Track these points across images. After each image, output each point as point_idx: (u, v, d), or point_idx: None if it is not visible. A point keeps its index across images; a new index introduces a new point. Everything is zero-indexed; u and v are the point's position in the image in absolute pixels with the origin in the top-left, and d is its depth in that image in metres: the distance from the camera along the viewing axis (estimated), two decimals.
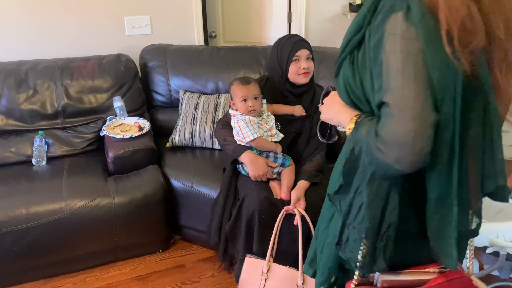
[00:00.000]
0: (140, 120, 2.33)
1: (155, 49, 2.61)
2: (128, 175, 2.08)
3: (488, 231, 1.37)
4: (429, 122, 0.70)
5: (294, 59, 1.81)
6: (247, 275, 1.68)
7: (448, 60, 0.69)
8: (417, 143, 0.69)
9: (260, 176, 1.75)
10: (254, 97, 1.78)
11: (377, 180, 0.80)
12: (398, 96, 0.71)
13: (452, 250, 0.78)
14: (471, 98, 0.73)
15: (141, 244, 2.11)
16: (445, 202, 0.77)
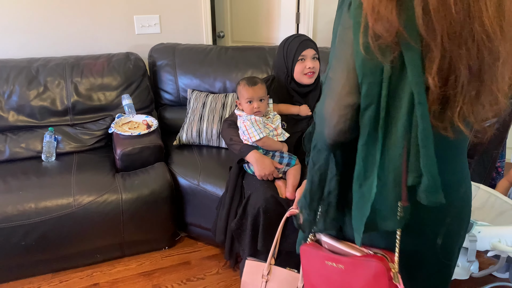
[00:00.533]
0: (148, 118, 2.35)
1: (164, 48, 2.64)
2: (135, 172, 2.10)
3: (491, 235, 1.38)
4: (345, 102, 0.79)
5: (299, 59, 1.82)
6: (248, 278, 1.69)
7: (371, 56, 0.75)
8: (333, 119, 0.80)
9: (266, 176, 1.76)
10: (260, 99, 1.79)
11: (317, 149, 0.90)
12: (328, 77, 0.81)
13: (360, 226, 0.82)
14: (399, 89, 0.76)
15: (147, 241, 2.14)
16: (367, 180, 0.81)
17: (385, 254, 0.89)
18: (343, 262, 0.91)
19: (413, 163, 0.78)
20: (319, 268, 0.97)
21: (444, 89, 0.76)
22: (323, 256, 0.95)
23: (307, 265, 1.01)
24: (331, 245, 0.96)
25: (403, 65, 0.74)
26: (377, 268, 0.86)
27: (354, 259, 0.90)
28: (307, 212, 0.94)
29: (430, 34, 0.72)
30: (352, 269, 0.90)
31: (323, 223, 0.92)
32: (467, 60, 0.74)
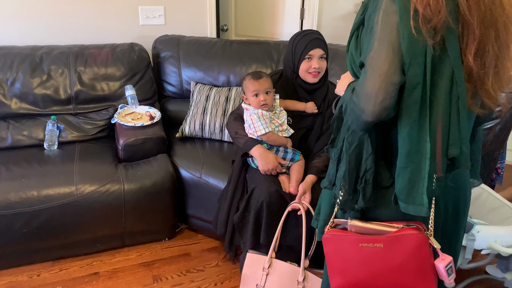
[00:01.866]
0: (151, 110, 2.35)
1: (168, 39, 2.63)
2: (138, 163, 2.11)
3: (488, 235, 1.40)
4: (391, 81, 0.84)
5: (306, 57, 1.82)
6: (249, 270, 1.70)
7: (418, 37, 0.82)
8: (379, 96, 0.84)
9: (270, 171, 1.77)
10: (266, 92, 1.80)
11: (353, 130, 0.95)
12: (372, 57, 0.86)
13: (423, 198, 0.87)
14: (440, 69, 0.85)
15: (148, 231, 2.15)
16: (415, 157, 0.87)
17: (417, 224, 0.93)
18: (381, 240, 0.94)
19: (454, 135, 0.88)
20: (350, 252, 0.98)
21: (476, 67, 0.86)
22: (356, 239, 0.97)
23: (333, 252, 1.02)
24: (362, 228, 0.97)
25: (444, 48, 0.85)
26: (418, 238, 0.91)
27: (393, 235, 0.93)
28: (347, 192, 0.98)
29: (470, 17, 0.82)
30: (392, 246, 0.93)
31: (363, 200, 0.96)
32: (493, 40, 0.85)
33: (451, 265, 0.93)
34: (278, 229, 1.67)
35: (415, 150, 0.87)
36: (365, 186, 0.95)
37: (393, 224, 0.95)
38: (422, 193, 0.88)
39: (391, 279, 0.96)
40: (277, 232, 1.67)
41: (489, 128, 1.93)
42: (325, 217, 1.10)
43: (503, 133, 2.03)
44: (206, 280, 1.95)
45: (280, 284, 1.64)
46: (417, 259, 0.93)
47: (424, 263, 0.93)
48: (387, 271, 0.95)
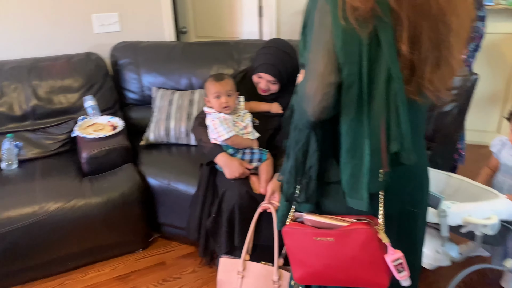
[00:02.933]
0: (113, 119, 2.29)
1: (126, 46, 2.58)
2: (103, 175, 2.05)
3: (461, 210, 1.44)
4: (328, 81, 0.85)
5: (257, 75, 1.86)
6: (224, 276, 1.70)
7: (350, 30, 0.82)
8: (317, 97, 0.86)
9: (237, 177, 1.76)
10: (228, 94, 1.78)
11: (299, 128, 0.97)
12: (309, 58, 0.88)
13: (363, 193, 0.89)
14: (377, 67, 0.85)
15: (120, 244, 2.10)
16: (356, 153, 0.88)
17: (368, 219, 0.95)
18: (332, 234, 0.95)
19: (394, 130, 0.88)
20: (307, 245, 1.00)
21: (413, 56, 0.86)
22: (311, 233, 0.98)
23: (292, 245, 1.04)
24: (315, 222, 0.99)
25: (379, 44, 0.84)
26: (367, 233, 0.92)
27: (343, 229, 0.94)
28: (292, 186, 1.01)
29: (399, 5, 0.82)
30: (342, 240, 0.95)
31: (305, 194, 0.99)
32: (428, 31, 0.85)
33: (400, 261, 0.92)
34: (250, 231, 1.67)
35: (355, 147, 0.89)
36: (309, 181, 0.98)
37: (345, 218, 0.96)
38: (362, 188, 0.90)
39: (344, 270, 0.98)
40: (249, 234, 1.66)
41: (447, 112, 1.99)
42: (282, 212, 1.10)
43: (460, 116, 2.10)
44: (183, 287, 1.93)
45: (255, 286, 1.64)
46: (367, 253, 0.94)
47: (374, 257, 0.94)
48: (340, 263, 0.97)
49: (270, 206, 1.64)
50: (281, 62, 1.80)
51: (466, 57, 2.22)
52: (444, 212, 1.40)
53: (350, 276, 0.99)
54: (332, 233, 0.96)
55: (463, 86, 1.97)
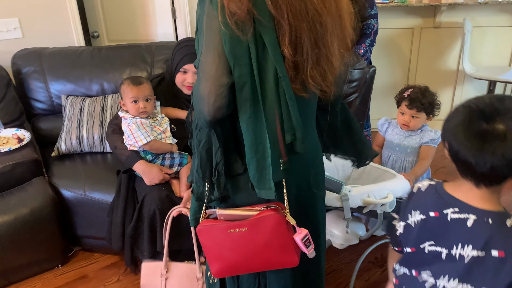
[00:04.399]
0: (19, 131, 2.16)
1: (29, 53, 2.43)
2: (11, 191, 1.93)
3: (361, 192, 1.56)
4: (220, 83, 0.90)
5: (181, 70, 1.80)
6: (147, 280, 1.68)
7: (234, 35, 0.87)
8: (211, 98, 0.91)
9: (156, 183, 1.74)
10: (146, 99, 1.74)
11: (199, 128, 1.01)
12: (201, 62, 0.92)
13: (270, 183, 0.96)
14: (265, 67, 0.92)
15: (36, 262, 1.98)
16: (258, 148, 0.95)
17: (275, 205, 1.01)
18: (245, 224, 1.01)
19: (287, 123, 0.95)
20: (222, 239, 1.03)
21: (296, 57, 0.92)
22: (224, 227, 1.03)
23: (207, 241, 1.07)
24: (228, 215, 1.04)
25: (264, 46, 0.90)
26: (275, 218, 0.99)
27: (254, 218, 1.00)
28: (201, 185, 1.04)
29: (279, 12, 0.87)
30: (254, 228, 1.00)
31: (218, 190, 1.03)
32: (307, 32, 0.91)
33: (307, 237, 1.02)
34: (166, 235, 1.65)
35: (257, 142, 0.95)
36: (219, 177, 1.01)
37: (255, 207, 1.02)
38: (269, 179, 0.95)
39: (260, 257, 1.04)
40: (165, 237, 1.65)
41: (350, 102, 2.15)
42: (194, 210, 1.13)
43: (363, 105, 2.28)
44: None
45: (180, 285, 1.65)
46: (278, 236, 1.01)
47: (284, 239, 1.01)
48: (255, 251, 1.03)
49: (185, 210, 1.64)
50: None
51: (363, 51, 2.41)
52: (346, 196, 1.51)
53: (264, 261, 1.05)
54: (245, 223, 1.01)
55: (363, 78, 2.14)
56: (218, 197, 1.03)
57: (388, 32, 3.18)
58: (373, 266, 2.02)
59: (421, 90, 1.86)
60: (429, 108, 1.86)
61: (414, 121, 1.88)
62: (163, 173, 1.73)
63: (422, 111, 1.85)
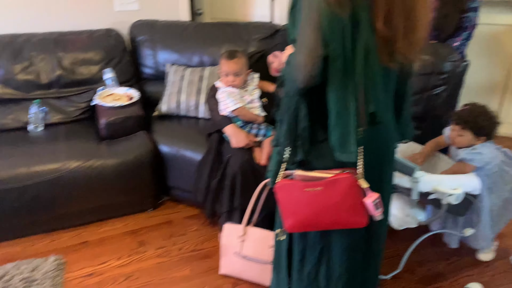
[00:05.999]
0: (130, 91, 2.50)
1: (144, 24, 2.76)
2: (119, 140, 2.27)
3: (431, 179, 1.61)
4: (315, 54, 0.99)
5: (272, 53, 2.00)
6: (227, 240, 1.88)
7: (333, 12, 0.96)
8: (307, 67, 1.01)
9: (241, 147, 1.93)
10: (235, 74, 1.94)
11: (290, 95, 1.11)
12: (300, 34, 1.02)
13: (351, 148, 1.06)
14: (357, 41, 1.01)
15: (132, 203, 2.32)
16: (343, 115, 1.05)
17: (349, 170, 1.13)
18: (320, 184, 1.14)
19: (372, 94, 1.06)
20: (298, 196, 1.17)
21: (387, 32, 1.01)
22: (301, 185, 1.16)
23: (284, 198, 1.20)
24: (305, 176, 1.17)
25: (359, 22, 0.99)
26: (349, 180, 1.12)
27: (329, 179, 1.13)
28: (288, 148, 1.15)
29: None
30: (329, 188, 1.13)
31: (300, 153, 1.14)
32: (401, 5, 1.00)
33: (378, 200, 1.12)
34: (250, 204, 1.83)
35: (343, 110, 1.04)
36: (303, 142, 1.13)
37: (330, 171, 1.14)
38: (352, 144, 1.06)
39: (330, 216, 1.16)
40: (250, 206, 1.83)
41: (438, 94, 2.14)
42: (273, 173, 1.26)
43: (451, 98, 2.25)
44: (187, 242, 2.15)
45: (254, 247, 1.82)
46: (350, 197, 1.13)
47: (355, 201, 1.13)
48: (327, 209, 1.15)
49: None
50: None
51: (459, 44, 2.35)
52: (416, 179, 1.57)
53: (334, 220, 1.17)
54: (320, 183, 1.14)
55: (453, 71, 2.11)
56: (300, 159, 1.14)
57: (491, 28, 3.01)
58: (438, 257, 2.03)
59: (472, 109, 1.80)
60: (475, 128, 1.77)
61: (459, 139, 1.81)
62: (248, 139, 1.93)
63: (467, 129, 1.78)
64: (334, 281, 1.28)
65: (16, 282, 1.85)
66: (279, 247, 1.39)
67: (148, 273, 1.95)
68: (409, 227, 1.76)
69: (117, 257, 2.05)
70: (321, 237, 1.27)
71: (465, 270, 1.96)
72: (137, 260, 2.03)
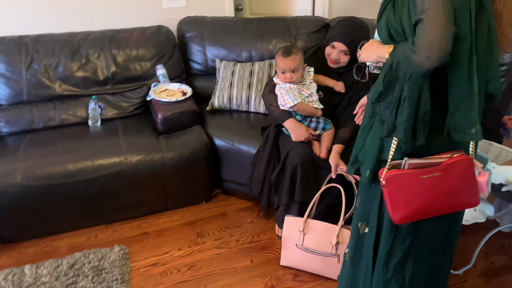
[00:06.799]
0: (183, 86, 2.56)
1: (192, 20, 2.82)
2: (176, 134, 2.33)
3: (504, 171, 1.60)
4: (450, 31, 1.00)
5: (330, 45, 2.00)
6: (288, 232, 1.91)
7: None
8: (442, 44, 1.00)
9: (301, 141, 1.96)
10: (292, 70, 1.96)
11: (413, 79, 1.09)
12: (430, 13, 1.01)
13: (478, 127, 1.08)
14: (480, 20, 1.05)
15: (188, 195, 2.39)
16: (467, 95, 1.07)
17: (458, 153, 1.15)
18: (438, 170, 1.14)
19: (492, 74, 1.11)
20: (411, 185, 1.15)
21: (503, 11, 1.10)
22: (416, 173, 1.14)
23: (395, 189, 1.17)
24: (417, 163, 1.16)
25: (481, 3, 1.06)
26: (468, 161, 1.14)
27: (448, 163, 1.14)
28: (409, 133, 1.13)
29: None
30: (447, 172, 1.14)
31: (423, 138, 1.13)
32: None
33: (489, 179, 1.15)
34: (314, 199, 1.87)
35: (468, 90, 1.06)
36: (424, 126, 1.11)
37: (441, 156, 1.16)
38: (478, 123, 1.08)
39: (446, 200, 1.17)
40: (312, 201, 1.87)
41: None
42: (371, 167, 1.25)
43: (509, 90, 2.21)
44: (244, 234, 2.20)
45: (316, 241, 1.85)
46: (467, 179, 1.15)
47: (471, 181, 1.16)
48: (444, 194, 1.16)
49: (350, 178, 1.84)
50: (355, 34, 1.95)
51: None
52: (489, 170, 1.57)
53: (449, 204, 1.18)
54: (438, 169, 1.14)
55: None
56: (422, 143, 1.12)
57: None
58: (499, 252, 2.02)
59: None
60: None
61: None
62: (308, 133, 1.95)
63: None
64: (418, 272, 1.30)
65: (86, 270, 1.93)
66: (360, 240, 1.40)
67: (209, 263, 2.01)
68: (478, 222, 1.75)
69: (178, 248, 2.11)
70: (412, 230, 1.27)
71: (507, 270, 1.94)
72: (198, 251, 2.09)
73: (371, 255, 1.35)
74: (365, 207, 1.37)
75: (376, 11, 1.24)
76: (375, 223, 1.31)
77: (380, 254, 1.32)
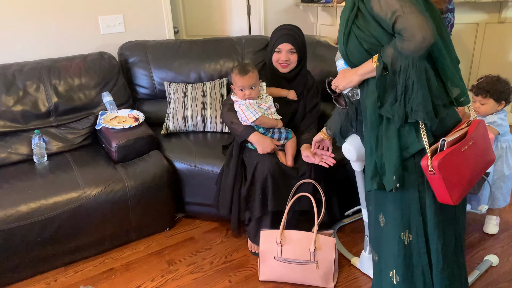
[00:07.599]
0: (134, 112, 2.49)
1: (135, 45, 2.76)
2: (134, 161, 2.25)
3: None
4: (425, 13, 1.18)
5: (276, 50, 2.07)
6: (265, 246, 1.92)
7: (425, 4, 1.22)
8: (428, 23, 1.16)
9: (268, 152, 2.00)
10: (251, 87, 2.01)
11: (417, 63, 1.19)
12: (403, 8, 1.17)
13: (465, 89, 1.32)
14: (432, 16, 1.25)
15: (151, 223, 2.30)
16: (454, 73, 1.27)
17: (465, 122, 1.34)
18: (470, 139, 1.27)
19: None
20: (459, 159, 1.23)
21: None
22: (459, 148, 1.23)
23: (449, 169, 1.20)
24: (451, 140, 1.23)
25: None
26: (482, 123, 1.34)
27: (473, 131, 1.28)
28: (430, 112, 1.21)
29: None
30: (476, 137, 1.28)
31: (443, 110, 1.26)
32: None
33: None
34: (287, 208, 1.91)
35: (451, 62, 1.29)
36: (440, 99, 1.24)
37: (461, 126, 1.30)
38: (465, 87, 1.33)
39: (481, 164, 1.33)
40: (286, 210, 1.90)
41: None
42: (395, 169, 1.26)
43: None
44: (216, 255, 2.16)
45: (294, 250, 1.88)
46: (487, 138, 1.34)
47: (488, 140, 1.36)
48: (479, 158, 1.31)
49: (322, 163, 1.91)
50: (296, 33, 2.06)
51: None
52: None
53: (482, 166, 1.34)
54: (469, 138, 1.27)
55: None
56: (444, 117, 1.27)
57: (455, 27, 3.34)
58: None
59: (488, 79, 2.02)
60: (496, 94, 1.97)
61: (483, 108, 2.01)
62: (273, 144, 2.00)
63: (488, 97, 1.98)
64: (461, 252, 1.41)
65: None
66: (407, 251, 1.35)
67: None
68: None
69: (150, 279, 2.02)
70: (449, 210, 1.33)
71: (477, 245, 2.15)
72: (172, 279, 2.01)
73: (426, 261, 1.33)
74: (403, 215, 1.33)
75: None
76: (420, 224, 1.31)
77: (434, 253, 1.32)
